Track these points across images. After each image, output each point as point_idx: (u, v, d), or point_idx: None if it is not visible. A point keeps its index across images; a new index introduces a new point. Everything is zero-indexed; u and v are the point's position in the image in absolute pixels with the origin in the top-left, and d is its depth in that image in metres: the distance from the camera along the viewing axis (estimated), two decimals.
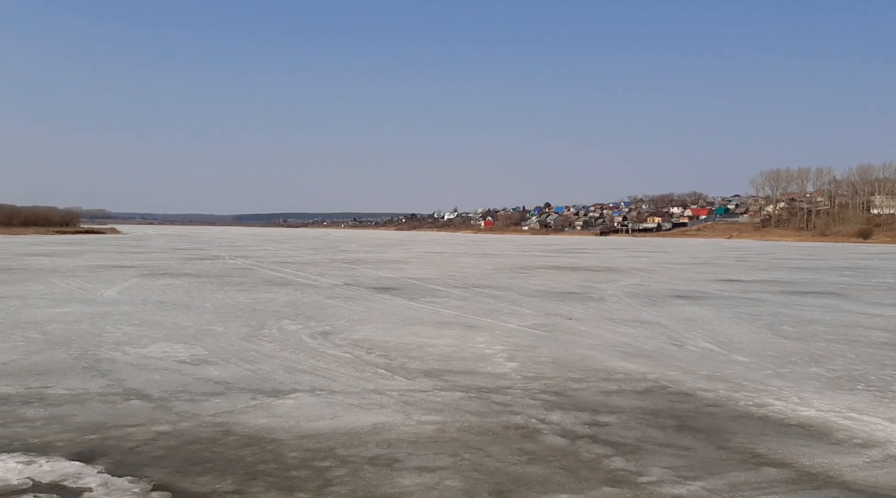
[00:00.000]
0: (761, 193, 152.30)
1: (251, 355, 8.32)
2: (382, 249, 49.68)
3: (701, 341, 9.88)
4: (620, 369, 7.84)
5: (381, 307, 13.36)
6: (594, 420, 5.76)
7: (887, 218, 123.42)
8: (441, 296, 15.69)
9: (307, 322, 11.11)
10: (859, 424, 5.74)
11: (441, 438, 5.20)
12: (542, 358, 8.43)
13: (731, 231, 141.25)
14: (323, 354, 8.42)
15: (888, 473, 4.58)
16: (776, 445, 5.15)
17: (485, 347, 9.06)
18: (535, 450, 4.97)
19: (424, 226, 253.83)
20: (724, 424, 5.74)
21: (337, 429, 5.40)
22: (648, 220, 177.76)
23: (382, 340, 9.50)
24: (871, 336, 10.60)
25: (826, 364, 8.31)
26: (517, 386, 6.94)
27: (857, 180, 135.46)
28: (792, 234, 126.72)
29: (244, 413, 5.83)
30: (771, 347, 9.46)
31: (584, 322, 11.69)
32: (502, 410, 6.01)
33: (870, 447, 5.12)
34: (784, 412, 6.10)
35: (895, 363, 8.40)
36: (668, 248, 66.37)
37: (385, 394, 6.52)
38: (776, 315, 13.14)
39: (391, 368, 7.69)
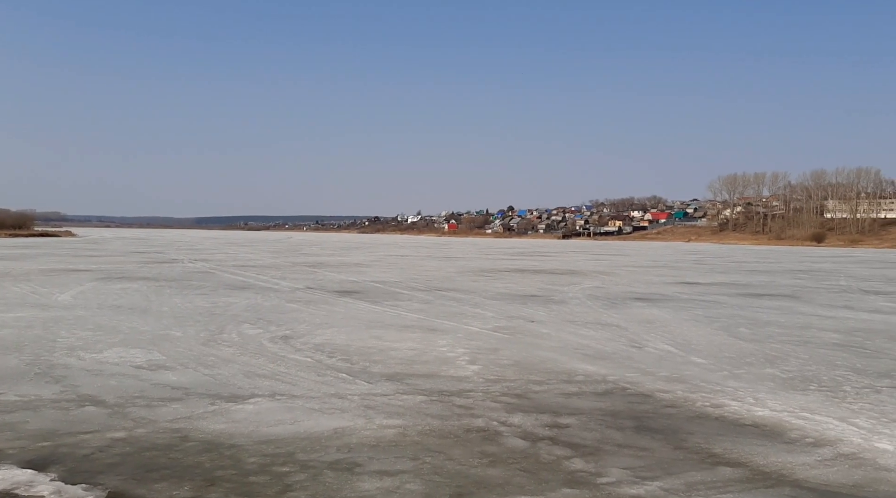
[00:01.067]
0: (719, 198, 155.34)
1: (210, 360, 8.20)
2: (345, 252, 49.42)
3: (660, 343, 10.02)
4: (581, 371, 7.92)
5: (343, 311, 13.29)
6: (555, 422, 5.81)
7: (840, 222, 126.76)
8: (404, 299, 15.66)
9: (268, 326, 11.00)
10: (811, 423, 5.88)
11: (402, 442, 5.19)
12: (504, 360, 8.47)
13: (690, 235, 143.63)
14: (283, 359, 8.34)
15: (838, 471, 4.71)
16: (732, 445, 5.25)
17: (447, 351, 9.07)
18: (496, 452, 4.99)
19: (388, 229, 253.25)
20: (682, 424, 5.83)
21: (297, 434, 5.35)
22: (610, 223, 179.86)
23: (344, 344, 9.45)
24: (824, 337, 10.87)
25: (780, 365, 8.50)
26: (479, 389, 6.96)
27: (811, 185, 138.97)
28: (749, 237, 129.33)
29: (202, 419, 5.75)
30: (727, 349, 9.64)
31: (545, 325, 11.78)
32: (464, 413, 6.02)
33: (821, 446, 5.25)
34: (739, 412, 6.22)
35: (846, 364, 8.62)
36: (628, 251, 67.23)
37: (346, 398, 6.49)
38: (733, 317, 13.40)
39: (353, 372, 7.65)
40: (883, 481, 4.51)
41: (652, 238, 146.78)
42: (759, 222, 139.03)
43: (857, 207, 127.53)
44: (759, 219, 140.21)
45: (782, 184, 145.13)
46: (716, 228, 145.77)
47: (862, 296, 18.95)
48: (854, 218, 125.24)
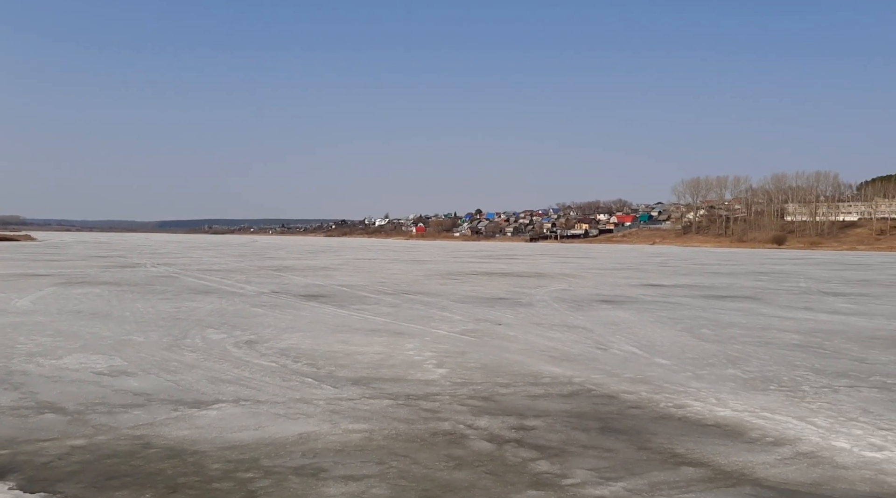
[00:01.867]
0: (682, 201, 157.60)
1: (173, 366, 8.08)
2: (311, 255, 49.09)
3: (624, 345, 10.13)
4: (547, 373, 7.96)
5: (309, 315, 13.19)
6: (521, 424, 5.83)
7: (800, 225, 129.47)
8: (371, 303, 15.61)
9: (232, 331, 10.88)
10: (772, 422, 5.99)
11: (368, 446, 5.17)
12: (471, 364, 8.49)
13: (655, 237, 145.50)
14: (248, 364, 8.25)
15: (797, 469, 4.80)
16: (694, 445, 5.33)
17: (414, 354, 9.06)
18: (463, 455, 5.00)
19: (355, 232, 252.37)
20: (646, 425, 5.90)
21: (261, 439, 5.30)
22: (576, 226, 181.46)
23: (310, 349, 9.38)
24: (784, 338, 11.09)
25: (742, 365, 8.64)
26: (446, 392, 6.96)
27: (772, 189, 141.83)
28: (711, 240, 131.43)
29: (165, 425, 5.66)
30: (690, 350, 9.78)
31: (512, 327, 11.82)
32: (430, 417, 6.02)
33: (781, 445, 5.35)
34: (702, 413, 6.31)
35: (806, 364, 8.80)
36: (594, 254, 67.87)
37: (312, 403, 6.44)
38: (696, 318, 13.59)
39: (318, 377, 7.60)
40: (840, 479, 4.61)
41: (617, 241, 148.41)
42: (721, 225, 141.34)
43: (817, 210, 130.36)
44: (721, 222, 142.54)
45: (744, 187, 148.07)
46: (679, 231, 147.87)
47: (821, 297, 19.37)
48: (813, 221, 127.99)
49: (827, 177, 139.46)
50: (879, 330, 12.24)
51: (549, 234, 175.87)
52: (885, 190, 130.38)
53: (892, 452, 5.16)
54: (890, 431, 5.73)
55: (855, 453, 5.14)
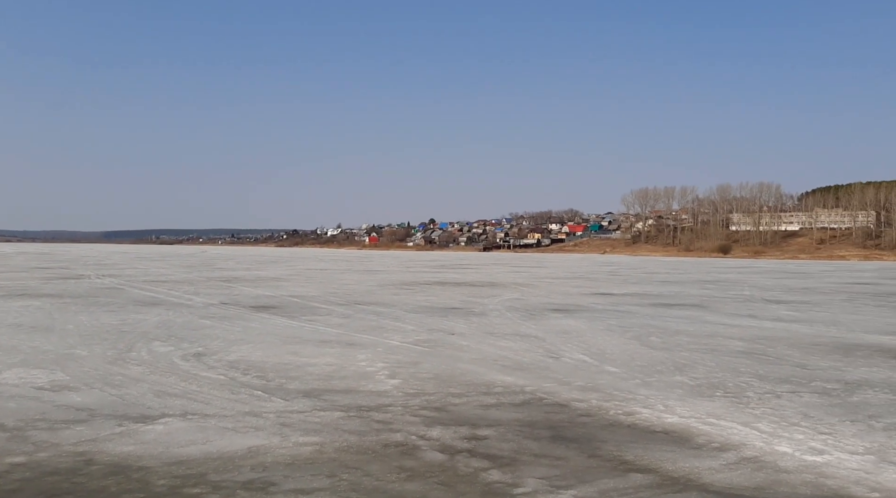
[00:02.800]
0: (632, 211, 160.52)
1: (117, 380, 7.88)
2: (262, 266, 48.47)
3: (576, 353, 10.24)
4: (500, 383, 8.00)
5: (259, 326, 13.01)
6: (473, 434, 5.84)
7: (744, 234, 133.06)
8: (322, 314, 15.47)
9: (179, 343, 10.66)
10: (717, 428, 6.12)
11: (319, 459, 5.11)
12: (424, 374, 8.48)
13: (605, 247, 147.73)
14: (196, 377, 8.09)
15: (741, 474, 4.91)
16: (643, 452, 5.41)
17: (366, 365, 9.01)
18: (414, 466, 4.98)
19: (307, 242, 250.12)
20: (596, 432, 5.97)
21: (209, 454, 5.20)
22: (529, 236, 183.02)
23: (260, 361, 9.25)
24: (730, 345, 11.35)
25: (689, 372, 8.82)
26: (398, 403, 6.94)
27: (717, 199, 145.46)
28: (660, 249, 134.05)
29: (108, 441, 5.51)
30: (639, 358, 9.94)
31: (465, 337, 11.85)
32: (382, 428, 5.99)
33: (726, 450, 5.47)
34: (650, 420, 6.42)
35: (750, 371, 9.02)
36: (546, 263, 68.56)
37: (261, 416, 6.35)
38: (645, 326, 13.83)
39: (268, 390, 7.49)
40: (783, 483, 4.73)
41: (569, 250, 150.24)
42: (669, 235, 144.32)
43: (760, 220, 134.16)
44: (669, 231, 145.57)
45: (691, 198, 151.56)
46: (629, 241, 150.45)
47: (764, 305, 19.90)
48: (757, 230, 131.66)
49: (770, 188, 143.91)
50: (819, 336, 12.63)
51: (502, 244, 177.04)
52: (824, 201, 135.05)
53: (832, 456, 5.33)
54: (829, 436, 5.91)
55: (797, 458, 5.28)
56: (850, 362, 9.75)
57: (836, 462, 5.17)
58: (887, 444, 5.67)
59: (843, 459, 5.26)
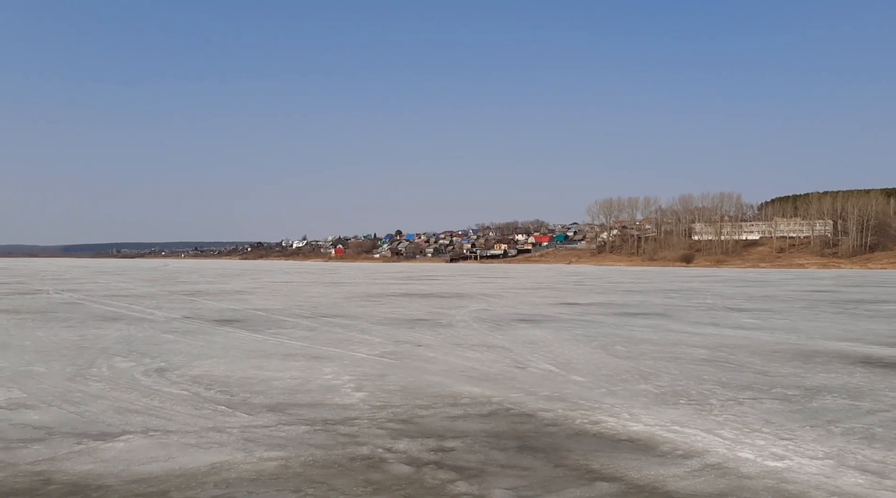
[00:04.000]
0: (596, 221, 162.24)
1: (76, 397, 7.70)
2: (226, 279, 47.89)
3: (542, 363, 10.28)
4: (467, 394, 7.99)
5: (223, 341, 12.84)
6: (440, 446, 5.83)
7: (706, 243, 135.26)
8: (287, 327, 15.33)
9: (141, 359, 10.46)
10: (681, 436, 6.19)
11: (284, 474, 5.05)
12: (391, 386, 8.43)
13: (571, 257, 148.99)
14: (158, 393, 7.95)
15: (705, 480, 4.97)
16: (608, 460, 5.44)
17: (332, 378, 8.93)
18: (381, 480, 4.94)
19: (272, 255, 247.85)
20: (562, 442, 6.00)
21: (171, 471, 5.10)
22: (495, 246, 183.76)
23: (223, 375, 9.12)
24: (693, 353, 11.50)
25: (653, 381, 8.91)
26: (364, 416, 6.89)
27: (680, 209, 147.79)
28: (624, 259, 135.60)
29: (67, 459, 5.38)
30: (605, 367, 10.02)
31: (432, 348, 11.83)
32: (348, 442, 5.94)
33: (690, 457, 5.53)
34: (616, 428, 6.47)
35: (713, 378, 9.15)
36: (513, 273, 68.87)
37: (225, 431, 6.25)
38: (610, 336, 13.95)
39: (232, 404, 7.39)
40: (745, 489, 4.80)
41: (535, 260, 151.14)
42: (633, 245, 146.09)
43: (721, 230, 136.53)
44: (633, 241, 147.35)
45: (654, 208, 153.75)
46: (594, 251, 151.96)
47: (727, 313, 20.22)
48: (719, 239, 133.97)
49: (730, 198, 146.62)
50: (780, 344, 12.86)
51: (468, 255, 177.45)
52: (783, 210, 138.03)
53: (793, 461, 5.42)
54: (790, 441, 6.01)
55: (758, 463, 5.36)
56: (809, 369, 9.95)
57: (796, 467, 5.26)
58: (846, 448, 5.79)
59: (804, 464, 5.35)
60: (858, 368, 10.04)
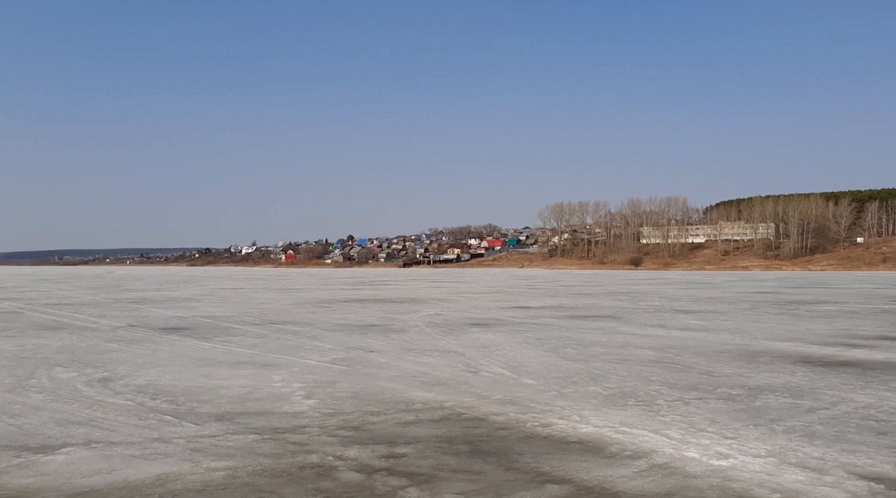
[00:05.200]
0: (548, 225, 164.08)
1: (16, 408, 7.44)
2: (173, 286, 46.94)
3: (494, 367, 10.33)
4: (419, 399, 7.98)
5: (170, 349, 12.57)
6: (391, 452, 5.80)
7: (654, 247, 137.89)
8: (236, 334, 15.08)
9: (83, 369, 10.17)
10: (630, 437, 6.28)
11: (231, 485, 4.96)
12: (342, 393, 8.37)
13: (523, 261, 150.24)
14: (101, 403, 7.73)
15: (652, 481, 5.05)
16: (558, 463, 5.49)
17: (282, 386, 8.82)
18: (331, 488, 4.90)
19: (220, 261, 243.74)
20: (513, 445, 6.03)
21: (114, 484, 4.96)
22: (449, 251, 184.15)
23: (170, 385, 8.92)
24: (641, 355, 11.70)
25: (603, 382, 9.03)
26: (314, 424, 6.82)
27: (629, 213, 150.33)
28: (575, 262, 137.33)
29: (5, 473, 5.19)
30: (556, 369, 10.11)
31: (384, 354, 11.78)
32: (298, 450, 5.86)
33: (638, 458, 5.62)
34: (566, 431, 6.53)
35: (660, 379, 9.32)
36: (466, 278, 69.07)
37: (171, 442, 6.11)
38: (561, 338, 14.09)
39: (178, 414, 7.23)
40: (691, 488, 4.89)
41: (488, 265, 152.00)
42: (584, 248, 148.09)
43: (669, 233, 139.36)
44: (584, 245, 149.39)
45: (603, 212, 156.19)
46: (546, 254, 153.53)
47: (673, 315, 20.63)
48: (666, 243, 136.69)
49: (677, 202, 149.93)
50: (725, 344, 13.17)
51: (422, 260, 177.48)
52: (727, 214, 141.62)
53: (737, 460, 5.55)
54: (734, 440, 6.16)
55: (704, 463, 5.48)
56: (752, 368, 10.21)
57: (740, 465, 5.39)
58: (787, 446, 5.95)
59: (747, 462, 5.49)
60: (800, 367, 10.35)
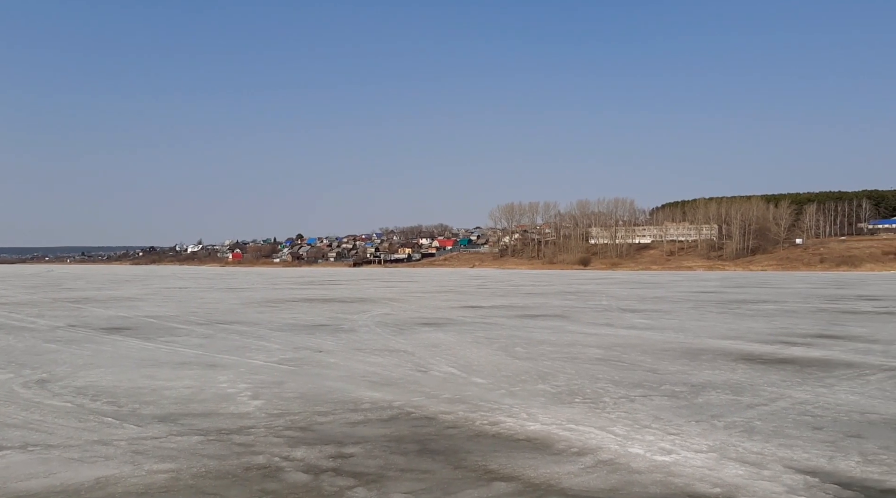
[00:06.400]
0: (499, 225, 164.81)
1: None
2: (115, 285, 45.76)
3: (444, 366, 10.34)
4: (368, 399, 7.94)
5: (112, 350, 12.24)
6: (339, 452, 5.76)
7: (602, 247, 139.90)
8: (181, 334, 14.78)
9: (20, 370, 9.83)
10: (576, 433, 6.37)
11: (174, 487, 4.86)
12: (289, 393, 8.27)
13: (474, 260, 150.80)
14: (38, 405, 7.48)
15: (598, 477, 5.13)
16: (506, 460, 5.53)
17: (228, 386, 8.67)
18: (277, 489, 4.84)
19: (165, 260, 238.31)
20: (462, 444, 6.05)
21: (52, 487, 4.81)
22: (400, 251, 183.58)
23: (111, 386, 8.69)
24: (588, 353, 11.86)
25: (551, 381, 9.13)
26: (261, 424, 6.72)
27: (578, 214, 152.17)
28: (525, 262, 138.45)
29: None
30: (505, 368, 10.18)
31: (333, 354, 11.68)
32: (244, 451, 5.77)
33: (584, 455, 5.69)
34: (514, 428, 6.58)
35: (606, 377, 9.46)
36: (417, 277, 69.01)
37: (112, 444, 5.96)
38: (510, 337, 14.20)
39: (120, 416, 7.05)
40: (635, 483, 4.98)
41: (440, 264, 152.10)
42: (534, 248, 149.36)
43: (616, 234, 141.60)
44: (534, 245, 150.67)
45: (553, 213, 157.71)
46: (497, 254, 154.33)
47: (620, 314, 20.98)
48: (613, 243, 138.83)
49: (624, 203, 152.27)
50: (669, 342, 13.45)
51: (372, 259, 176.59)
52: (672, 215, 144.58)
53: (679, 455, 5.67)
54: (677, 436, 6.29)
55: (648, 458, 5.58)
56: (695, 366, 10.45)
57: (682, 461, 5.51)
58: (727, 441, 6.11)
59: (689, 457, 5.61)
60: (740, 364, 10.63)
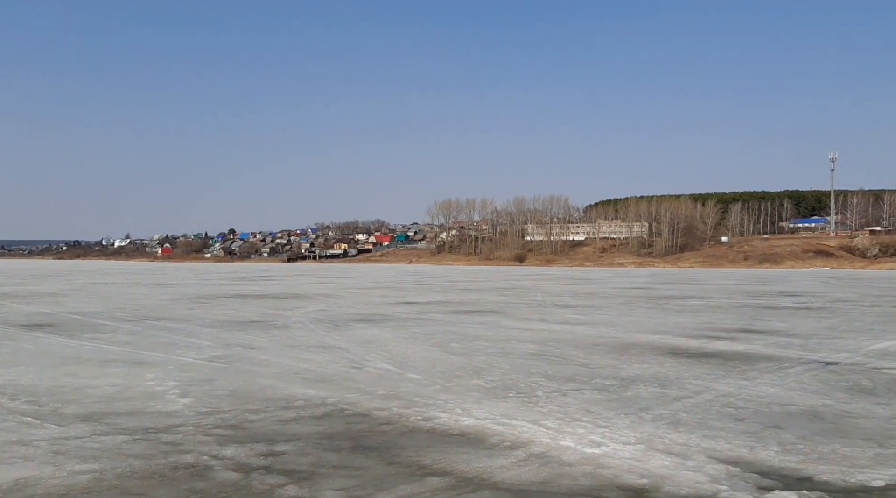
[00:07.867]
0: (436, 221, 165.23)
1: None
2: (37, 280, 43.96)
3: (379, 362, 10.30)
4: (300, 396, 7.84)
5: (32, 347, 11.75)
6: (270, 450, 5.67)
7: (538, 244, 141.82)
8: (106, 331, 14.30)
9: None
10: (509, 428, 6.43)
11: (97, 488, 4.70)
12: (220, 391, 8.10)
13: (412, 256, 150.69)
14: None
15: (529, 470, 5.20)
16: (440, 456, 5.55)
17: (155, 384, 8.44)
18: (206, 488, 4.73)
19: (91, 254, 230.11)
20: (396, 440, 6.04)
21: None
22: (335, 246, 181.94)
23: (31, 384, 8.35)
24: (522, 348, 12.00)
25: (486, 376, 9.20)
26: (190, 423, 6.57)
27: (514, 211, 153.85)
28: (462, 258, 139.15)
29: None
30: (440, 364, 10.21)
31: (265, 351, 11.50)
32: (171, 450, 5.63)
33: (516, 448, 5.76)
34: (448, 424, 6.61)
35: (540, 371, 9.59)
36: (353, 273, 68.57)
37: (31, 445, 5.72)
38: (446, 333, 14.25)
39: (40, 415, 6.77)
40: (565, 476, 5.07)
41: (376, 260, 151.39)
42: (471, 245, 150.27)
43: (551, 231, 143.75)
44: (471, 241, 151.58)
45: (490, 209, 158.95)
46: (434, 250, 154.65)
47: (554, 309, 21.31)
48: (548, 240, 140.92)
49: (559, 200, 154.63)
50: (601, 337, 13.73)
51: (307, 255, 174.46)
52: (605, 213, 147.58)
53: (609, 447, 5.80)
54: (607, 428, 6.43)
55: (578, 451, 5.69)
56: (625, 360, 10.70)
57: (611, 453, 5.64)
58: (655, 433, 6.27)
59: (618, 449, 5.74)
60: (668, 358, 10.93)
